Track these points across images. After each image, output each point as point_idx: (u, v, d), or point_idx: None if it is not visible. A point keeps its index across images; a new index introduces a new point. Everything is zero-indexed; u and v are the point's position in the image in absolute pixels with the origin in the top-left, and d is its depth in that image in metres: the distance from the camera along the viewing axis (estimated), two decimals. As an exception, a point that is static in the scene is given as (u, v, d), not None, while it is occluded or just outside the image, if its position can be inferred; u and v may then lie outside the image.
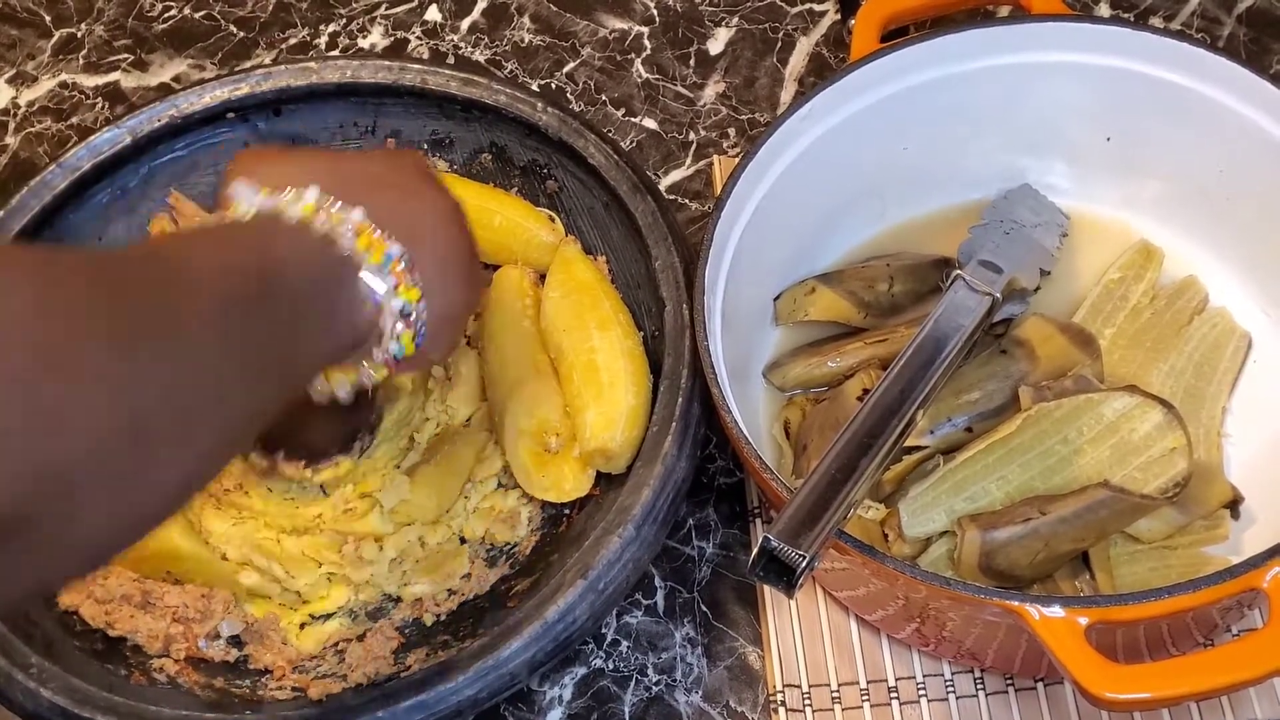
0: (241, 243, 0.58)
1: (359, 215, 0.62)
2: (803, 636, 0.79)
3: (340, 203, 0.62)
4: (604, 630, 0.81)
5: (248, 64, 1.07)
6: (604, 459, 0.79)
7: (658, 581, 0.83)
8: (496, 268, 0.88)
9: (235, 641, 0.79)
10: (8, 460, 0.39)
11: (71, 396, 0.41)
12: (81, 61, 1.08)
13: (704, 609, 0.82)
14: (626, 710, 0.79)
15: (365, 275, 0.62)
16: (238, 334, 0.51)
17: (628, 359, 0.82)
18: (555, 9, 1.08)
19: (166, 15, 1.10)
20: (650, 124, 1.02)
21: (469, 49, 1.07)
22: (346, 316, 0.62)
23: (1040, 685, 0.77)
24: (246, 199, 0.62)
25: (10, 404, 0.39)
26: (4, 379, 0.39)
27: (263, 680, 0.77)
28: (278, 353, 0.55)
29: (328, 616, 0.81)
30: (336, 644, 0.79)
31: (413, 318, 0.64)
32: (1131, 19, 1.04)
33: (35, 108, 1.06)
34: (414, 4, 1.10)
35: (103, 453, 0.43)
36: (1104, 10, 1.05)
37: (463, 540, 0.83)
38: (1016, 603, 0.64)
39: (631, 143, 1.01)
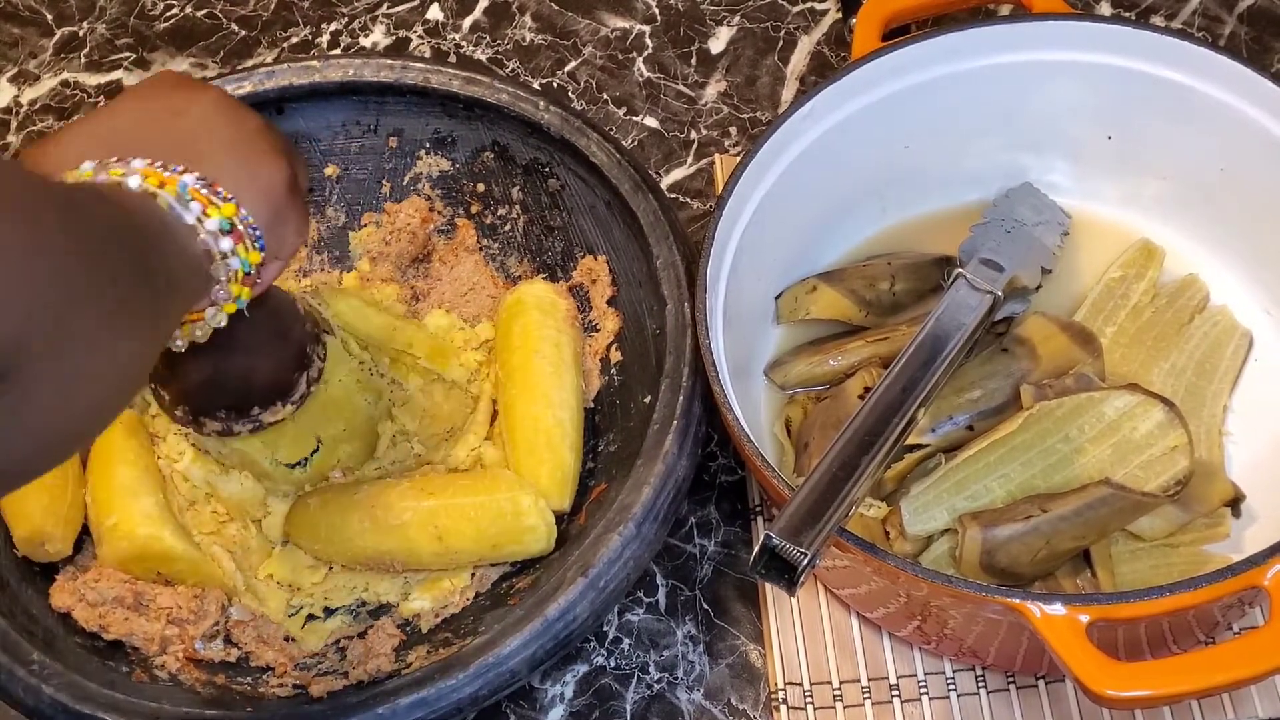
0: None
1: (139, 164, 0.60)
2: (804, 634, 0.79)
3: (117, 160, 0.60)
4: (605, 628, 0.81)
5: (249, 63, 1.07)
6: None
7: (659, 579, 0.83)
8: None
9: (231, 642, 0.79)
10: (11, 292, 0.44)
11: (46, 255, 0.46)
12: (83, 60, 1.08)
13: (705, 607, 0.82)
14: (628, 708, 0.79)
15: (170, 209, 0.60)
16: (116, 249, 0.53)
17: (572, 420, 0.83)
18: (557, 8, 1.08)
19: (168, 14, 1.11)
20: (652, 123, 1.02)
21: (470, 48, 1.07)
22: (183, 258, 0.60)
23: (1042, 683, 0.77)
24: None
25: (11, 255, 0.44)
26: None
27: (264, 677, 0.77)
28: (150, 278, 0.55)
29: (330, 613, 0.81)
30: (338, 641, 0.79)
31: (240, 229, 0.62)
32: (1133, 18, 1.04)
33: (37, 106, 1.06)
34: (415, 3, 1.10)
35: (73, 302, 0.47)
36: (1105, 9, 1.05)
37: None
38: (1018, 600, 0.64)
39: (633, 141, 1.01)
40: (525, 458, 0.81)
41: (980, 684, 0.78)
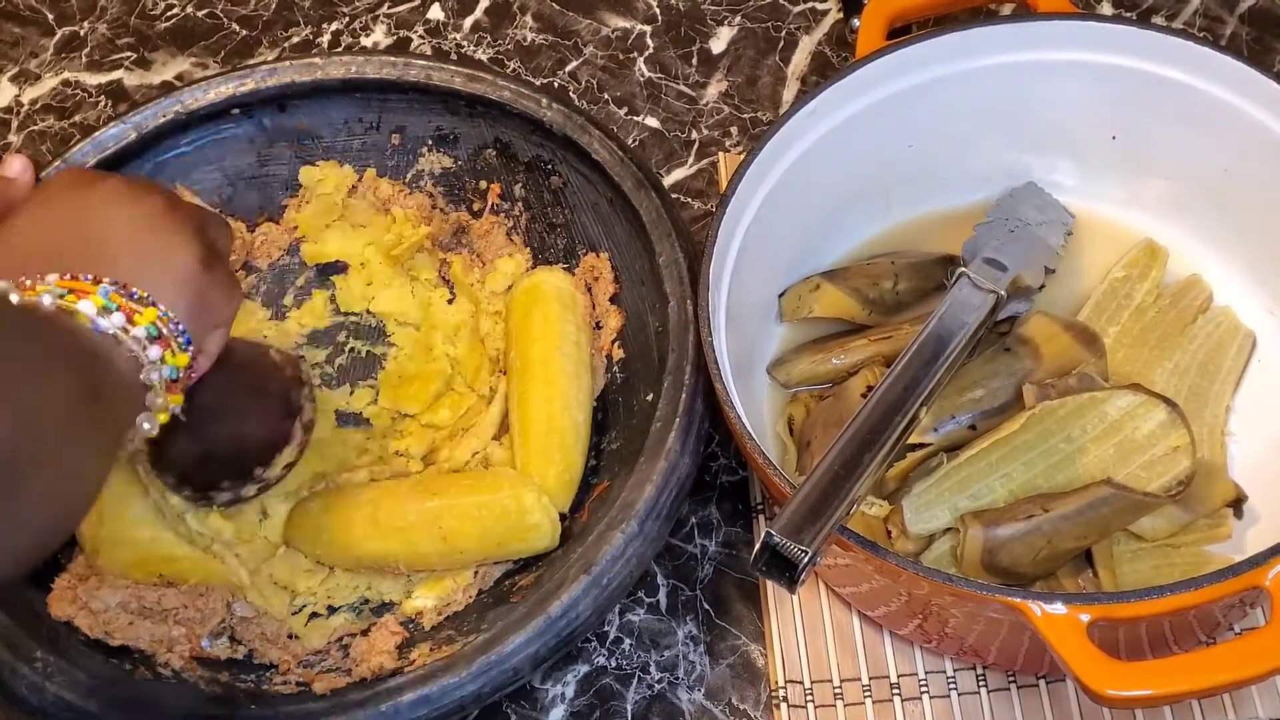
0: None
1: (53, 279, 0.59)
2: (805, 632, 0.79)
3: (31, 279, 0.59)
4: (606, 628, 0.81)
5: (251, 61, 1.07)
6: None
7: (660, 579, 0.83)
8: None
9: (236, 639, 0.79)
10: None
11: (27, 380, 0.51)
12: (84, 60, 1.08)
13: (706, 606, 0.82)
14: (629, 708, 0.79)
15: (91, 324, 0.59)
16: (64, 391, 0.55)
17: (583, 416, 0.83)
18: (558, 7, 1.08)
19: (169, 13, 1.10)
20: (653, 123, 1.02)
21: (471, 48, 1.07)
22: (116, 371, 0.59)
23: (1043, 682, 0.77)
24: None
25: None
26: None
27: (268, 675, 0.77)
28: (98, 393, 0.57)
29: (333, 611, 0.81)
30: (341, 639, 0.79)
31: (165, 332, 0.61)
32: (1134, 18, 1.04)
33: (38, 106, 1.06)
34: (416, 2, 1.10)
35: (34, 438, 0.51)
36: (1106, 9, 1.05)
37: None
38: (1019, 599, 0.64)
39: (634, 141, 1.01)
40: (536, 456, 0.81)
41: (981, 683, 0.78)
